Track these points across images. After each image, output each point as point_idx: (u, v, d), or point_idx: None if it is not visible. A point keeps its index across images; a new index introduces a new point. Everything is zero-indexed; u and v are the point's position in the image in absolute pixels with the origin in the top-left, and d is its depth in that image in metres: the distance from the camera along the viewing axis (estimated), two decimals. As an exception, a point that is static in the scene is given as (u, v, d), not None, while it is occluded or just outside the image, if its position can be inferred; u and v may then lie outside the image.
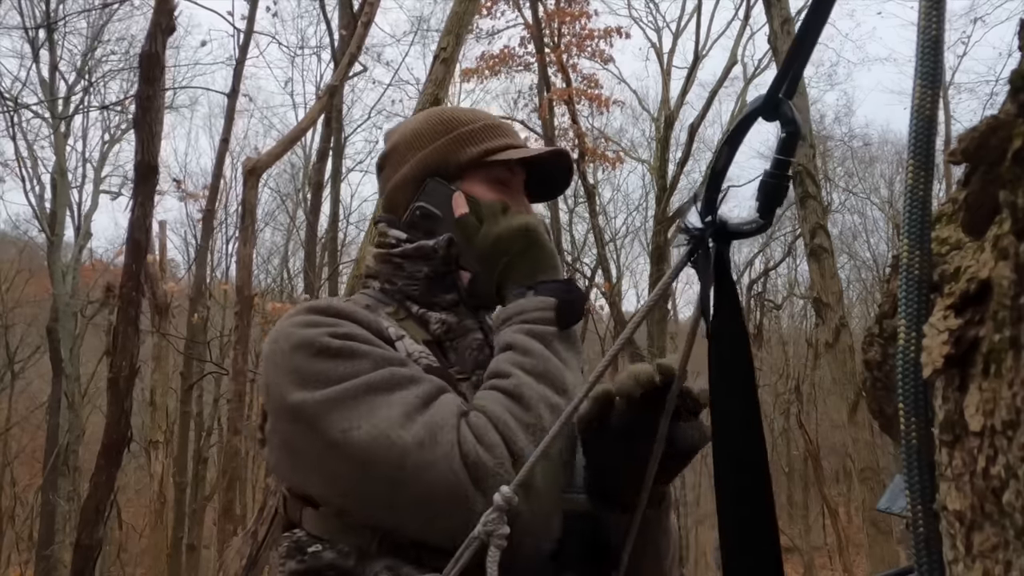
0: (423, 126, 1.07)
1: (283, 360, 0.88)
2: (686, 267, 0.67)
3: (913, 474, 0.37)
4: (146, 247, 4.26)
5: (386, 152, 1.11)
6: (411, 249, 1.01)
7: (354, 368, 0.85)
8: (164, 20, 4.12)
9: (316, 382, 0.85)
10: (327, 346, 0.87)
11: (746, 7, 13.61)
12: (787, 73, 0.57)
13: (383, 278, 1.03)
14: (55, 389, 11.46)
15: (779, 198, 0.61)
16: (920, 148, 0.39)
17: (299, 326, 0.90)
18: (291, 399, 0.85)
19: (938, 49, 0.39)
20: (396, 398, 0.83)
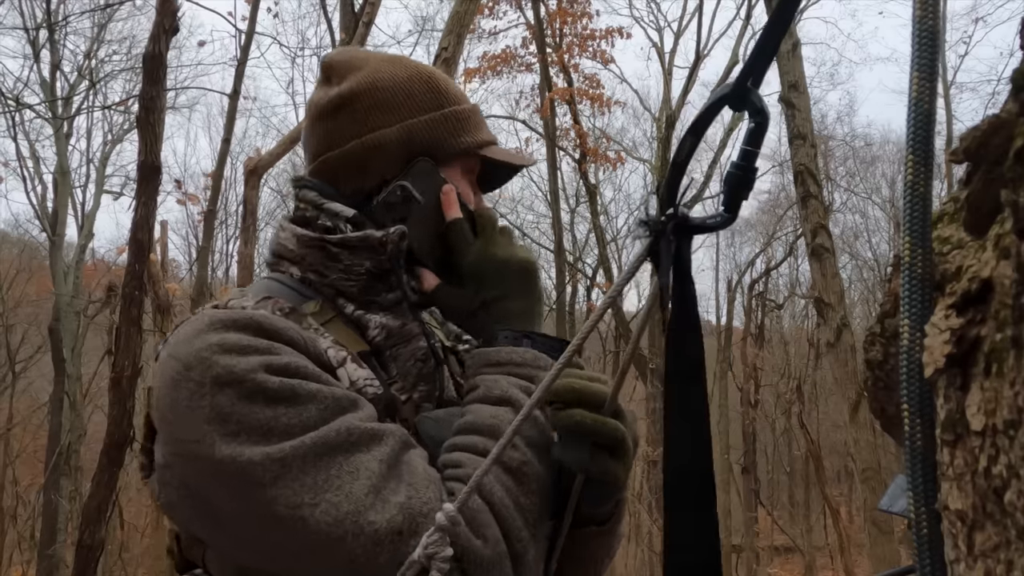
0: (411, 84, 0.89)
1: (200, 396, 0.70)
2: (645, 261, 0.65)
3: (916, 474, 0.37)
4: (148, 247, 4.27)
5: (345, 96, 0.88)
6: (355, 239, 0.84)
7: (299, 417, 0.70)
8: (167, 21, 4.13)
9: (252, 435, 0.69)
10: (263, 387, 0.70)
11: (747, 7, 13.61)
12: (758, 60, 0.54)
13: (307, 266, 0.85)
14: (57, 389, 11.48)
15: (745, 190, 0.59)
16: (919, 143, 0.38)
17: (220, 351, 0.72)
18: (218, 453, 0.69)
19: (935, 40, 0.38)
20: (357, 463, 0.69)
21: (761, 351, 16.07)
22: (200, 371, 0.71)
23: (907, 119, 0.38)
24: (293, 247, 0.86)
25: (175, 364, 0.73)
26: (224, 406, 0.70)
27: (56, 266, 12.08)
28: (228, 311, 0.77)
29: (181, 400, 0.71)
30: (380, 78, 0.89)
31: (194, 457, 0.71)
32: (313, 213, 0.86)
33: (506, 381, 0.79)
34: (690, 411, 0.62)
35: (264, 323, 0.75)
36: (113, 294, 8.46)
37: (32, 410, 14.53)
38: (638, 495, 12.64)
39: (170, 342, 0.77)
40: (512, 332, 0.83)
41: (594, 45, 12.02)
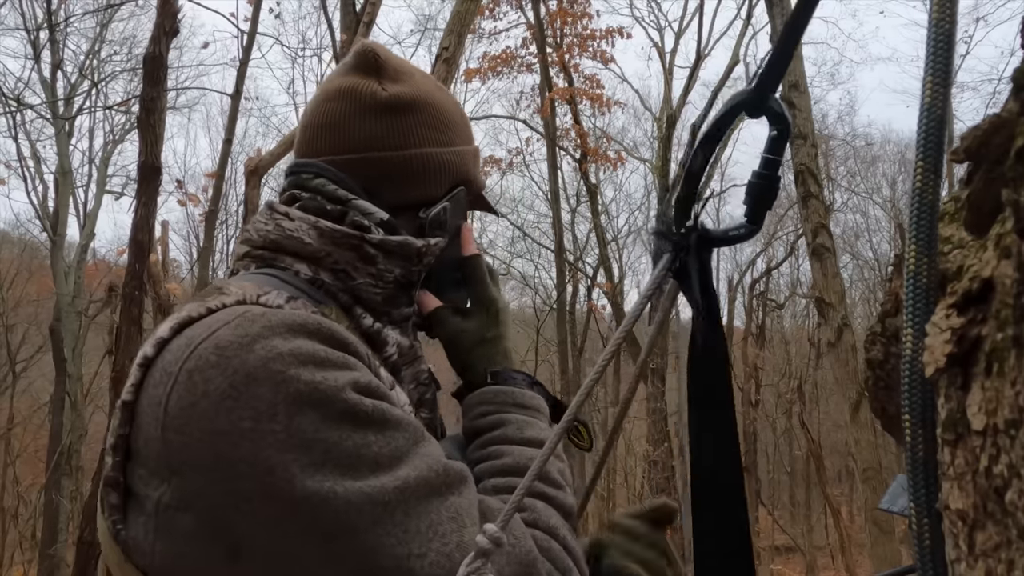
0: (458, 112, 0.87)
1: (270, 418, 0.58)
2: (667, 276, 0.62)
3: (919, 484, 0.37)
4: (149, 247, 4.27)
5: (411, 100, 0.81)
6: (394, 243, 0.75)
7: (391, 446, 0.61)
8: (168, 23, 4.13)
9: (342, 467, 0.58)
10: (354, 409, 0.60)
11: (748, 7, 13.60)
12: (775, 65, 0.52)
13: (327, 265, 0.74)
14: (58, 388, 11.48)
15: (769, 200, 0.57)
16: (930, 149, 0.37)
17: (295, 362, 0.59)
18: (301, 488, 0.57)
19: (950, 45, 0.37)
20: (457, 507, 0.63)
21: (762, 351, 16.06)
22: (271, 387, 0.58)
23: (918, 124, 0.38)
24: (311, 240, 0.73)
25: (228, 377, 0.59)
26: (306, 431, 0.58)
27: (57, 266, 12.08)
28: (281, 311, 0.65)
29: (241, 421, 0.58)
30: (436, 95, 0.84)
31: (257, 495, 0.58)
32: (335, 208, 0.75)
33: (539, 425, 0.80)
34: (718, 430, 0.61)
35: (334, 331, 0.64)
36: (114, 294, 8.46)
37: (33, 410, 14.54)
38: (638, 495, 12.62)
39: (205, 347, 0.61)
40: (524, 376, 0.86)
41: (594, 45, 12.03)
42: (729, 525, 0.59)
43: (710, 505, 0.60)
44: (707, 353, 0.61)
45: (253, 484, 0.58)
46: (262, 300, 0.67)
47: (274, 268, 0.74)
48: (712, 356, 0.61)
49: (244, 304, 0.66)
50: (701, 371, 0.61)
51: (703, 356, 0.61)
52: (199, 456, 0.59)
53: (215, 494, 0.59)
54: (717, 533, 0.60)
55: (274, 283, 0.71)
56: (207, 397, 0.59)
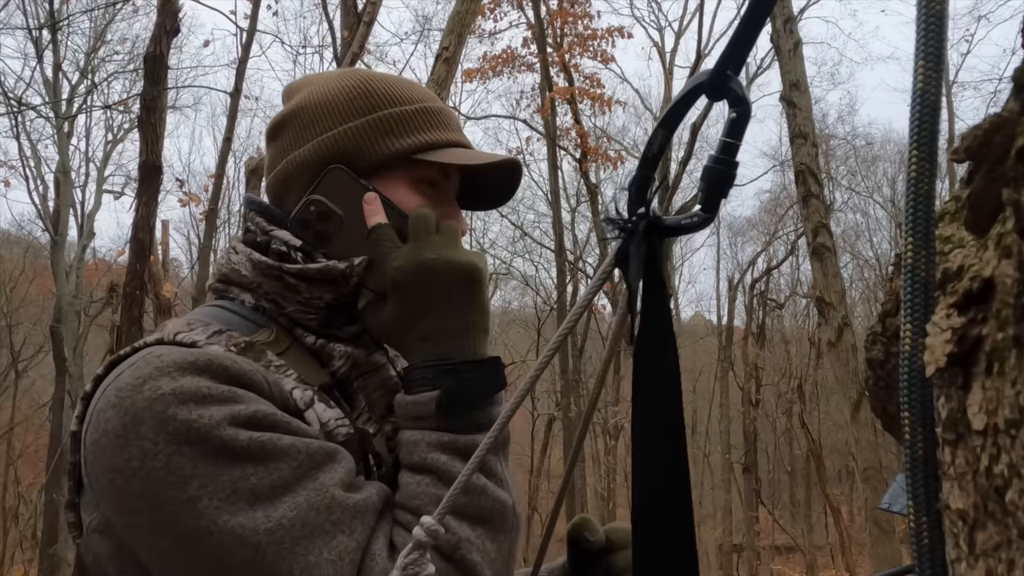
0: (341, 95, 0.81)
1: (152, 456, 0.61)
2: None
3: (918, 482, 0.37)
4: (149, 247, 4.28)
5: (284, 116, 0.83)
6: (315, 271, 0.75)
7: (272, 477, 0.63)
8: (168, 21, 4.13)
9: (218, 501, 0.61)
10: (229, 443, 0.62)
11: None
12: (737, 46, 0.49)
13: (261, 295, 0.77)
14: (58, 388, 11.49)
15: (725, 187, 0.53)
16: (924, 137, 0.36)
17: (175, 401, 0.62)
18: (180, 524, 0.61)
19: (942, 26, 0.36)
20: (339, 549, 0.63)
21: (762, 350, 16.07)
22: (152, 426, 0.62)
23: (911, 111, 0.36)
24: (247, 272, 0.78)
25: (120, 418, 0.63)
26: (184, 468, 0.61)
27: (58, 266, 12.09)
28: (179, 350, 0.68)
29: (131, 460, 0.62)
30: (314, 94, 0.82)
31: (146, 528, 0.63)
32: (263, 238, 0.78)
33: (424, 442, 0.71)
34: (665, 425, 0.55)
35: (225, 365, 0.66)
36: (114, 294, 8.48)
37: (34, 410, 14.56)
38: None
39: (110, 390, 0.66)
40: (431, 368, 0.72)
41: (595, 45, 12.03)
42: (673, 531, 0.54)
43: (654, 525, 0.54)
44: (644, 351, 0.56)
45: (145, 519, 0.63)
46: (178, 338, 0.72)
47: (224, 299, 0.80)
48: (651, 354, 0.56)
49: (161, 344, 0.71)
50: (643, 370, 0.56)
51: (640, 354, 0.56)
52: (104, 490, 0.65)
53: (120, 524, 0.65)
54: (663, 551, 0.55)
55: (213, 315, 0.77)
56: (107, 436, 0.64)
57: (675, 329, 0.58)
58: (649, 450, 0.55)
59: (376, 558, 0.65)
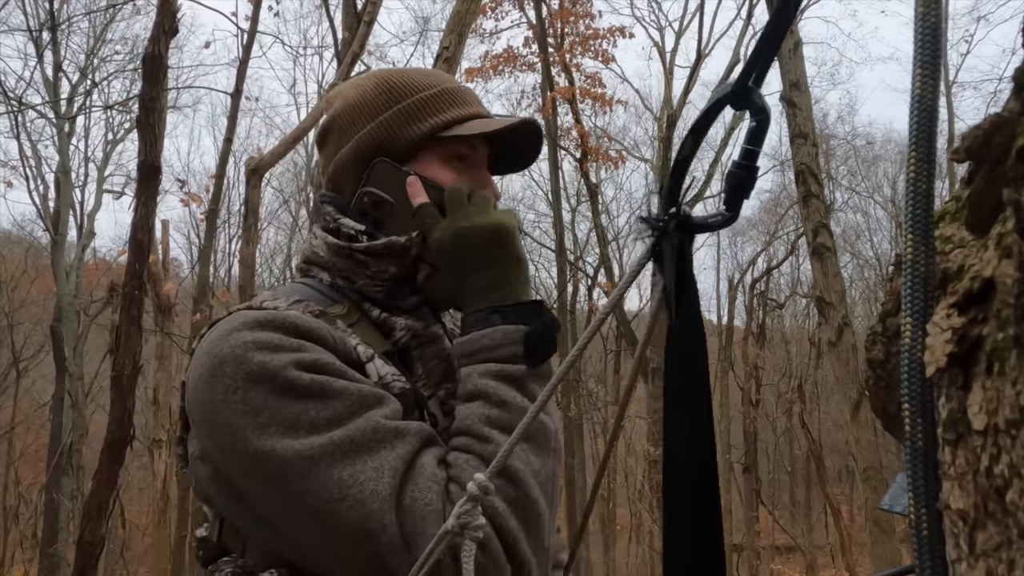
0: (368, 95, 0.92)
1: (233, 391, 0.74)
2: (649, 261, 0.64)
3: (917, 475, 0.37)
4: (148, 247, 4.27)
5: (327, 123, 0.95)
6: (380, 246, 0.86)
7: (328, 411, 0.73)
8: (167, 22, 4.13)
9: (283, 428, 0.72)
10: (294, 383, 0.74)
11: (748, 6, 13.60)
12: (758, 60, 0.54)
13: (336, 272, 0.89)
14: (59, 388, 11.49)
15: (747, 190, 0.59)
16: (922, 139, 0.38)
17: (253, 347, 0.75)
18: (251, 447, 0.72)
19: (937, 36, 0.38)
20: (382, 460, 0.73)
21: (762, 350, 16.06)
22: (234, 367, 0.74)
23: (910, 115, 0.38)
24: (324, 254, 0.90)
25: (210, 360, 0.76)
26: (257, 401, 0.73)
27: (58, 266, 12.08)
28: (261, 311, 0.80)
29: (216, 395, 0.75)
30: (348, 100, 0.93)
31: (229, 450, 0.75)
32: (334, 225, 0.90)
33: (477, 373, 0.80)
34: (692, 408, 0.61)
35: (296, 322, 0.78)
36: (114, 293, 8.48)
37: (34, 409, 14.56)
38: (639, 494, 12.64)
39: (205, 339, 0.80)
40: (482, 312, 0.82)
41: (596, 44, 12.02)
42: (702, 518, 0.59)
43: (682, 500, 0.60)
44: (678, 342, 0.62)
45: (227, 441, 0.74)
46: (263, 304, 0.83)
47: (307, 277, 0.92)
48: (683, 346, 0.61)
49: (250, 309, 0.83)
50: (673, 363, 0.62)
51: (674, 345, 0.62)
52: (199, 420, 0.79)
53: (212, 448, 0.78)
54: (690, 524, 0.60)
55: (296, 289, 0.89)
56: (201, 376, 0.77)
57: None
58: (678, 429, 0.60)
59: (425, 467, 0.74)
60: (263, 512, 0.76)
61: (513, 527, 0.74)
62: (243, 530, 0.80)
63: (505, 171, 0.99)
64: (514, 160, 0.97)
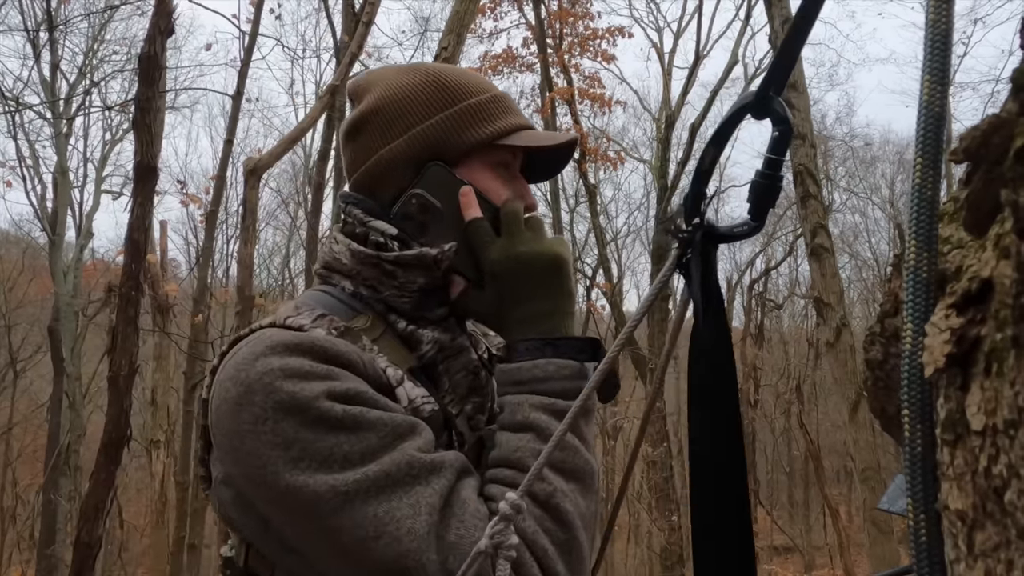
0: (420, 91, 0.88)
1: (263, 421, 0.71)
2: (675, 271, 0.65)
3: (916, 475, 0.37)
4: (145, 247, 4.27)
5: (365, 113, 0.89)
6: (410, 257, 0.83)
7: (362, 445, 0.71)
8: (163, 23, 4.13)
9: (315, 463, 0.70)
10: (326, 414, 0.71)
11: (747, 7, 13.61)
12: (779, 68, 0.55)
13: (361, 281, 0.85)
14: (56, 388, 11.47)
15: (771, 199, 0.59)
16: (929, 145, 0.38)
17: (282, 376, 0.72)
18: (282, 481, 0.70)
19: (947, 44, 0.38)
20: (418, 497, 0.70)
21: (761, 351, 16.07)
22: (263, 396, 0.71)
23: (917, 121, 0.38)
24: (347, 261, 0.86)
25: (236, 388, 0.73)
26: (288, 433, 0.71)
27: (56, 266, 12.06)
28: (288, 333, 0.77)
29: (244, 424, 0.72)
30: (391, 91, 0.88)
31: (258, 482, 0.72)
32: (361, 230, 0.86)
33: (528, 404, 0.78)
34: (722, 414, 0.61)
35: (325, 347, 0.75)
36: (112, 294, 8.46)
37: (32, 410, 14.53)
38: (637, 495, 12.63)
39: (230, 363, 0.76)
40: (533, 341, 0.80)
41: (595, 45, 12.03)
42: (730, 526, 0.60)
43: (711, 505, 0.61)
44: (706, 351, 0.62)
45: (256, 473, 0.72)
46: (288, 322, 0.80)
47: (327, 284, 0.88)
48: (711, 354, 0.62)
49: (273, 327, 0.80)
50: (700, 369, 0.62)
51: (702, 354, 0.62)
52: (225, 448, 0.75)
53: (238, 476, 0.75)
54: (717, 534, 0.60)
55: (318, 299, 0.85)
56: (226, 402, 0.74)
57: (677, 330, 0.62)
58: (705, 443, 0.61)
59: (467, 503, 0.72)
60: (292, 543, 0.74)
61: (561, 571, 0.72)
62: (269, 556, 0.78)
63: (532, 180, 0.97)
64: (541, 170, 0.96)
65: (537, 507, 0.73)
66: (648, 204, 16.96)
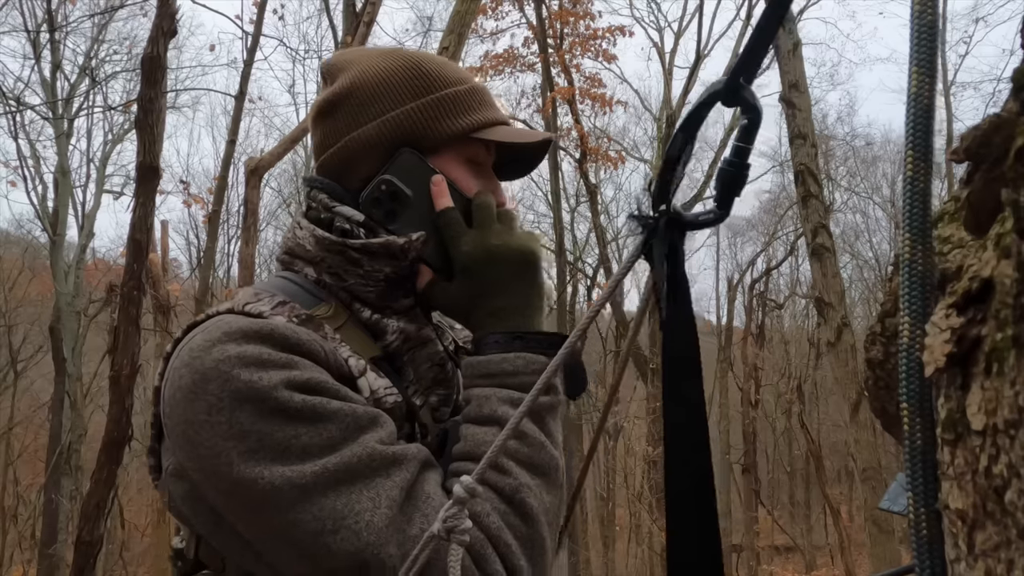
0: (396, 75, 0.85)
1: (218, 411, 0.68)
2: (639, 259, 0.64)
3: (916, 475, 0.37)
4: (147, 247, 4.27)
5: (338, 93, 0.86)
6: (377, 245, 0.80)
7: (321, 436, 0.69)
8: (166, 23, 4.13)
9: (272, 454, 0.67)
10: (284, 404, 0.68)
11: (748, 7, 13.60)
12: (750, 56, 0.54)
13: (324, 268, 0.82)
14: (57, 388, 11.48)
15: (738, 187, 0.59)
16: (919, 138, 0.38)
17: (239, 363, 0.69)
18: (236, 472, 0.67)
19: (933, 35, 0.38)
20: (378, 489, 0.69)
21: (761, 351, 16.07)
22: (218, 384, 0.69)
23: (906, 114, 0.38)
24: (311, 248, 0.83)
25: (191, 374, 0.70)
26: (244, 423, 0.68)
27: (57, 266, 12.07)
28: (246, 319, 0.74)
29: (198, 413, 0.69)
30: (367, 73, 0.86)
31: (211, 473, 0.69)
32: (327, 215, 0.84)
33: (496, 397, 0.77)
34: (687, 403, 0.62)
35: (286, 334, 0.72)
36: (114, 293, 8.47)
37: (33, 410, 14.54)
38: (638, 495, 12.63)
39: (184, 350, 0.73)
40: (503, 335, 0.79)
41: (596, 44, 12.03)
42: (700, 512, 0.60)
43: (683, 494, 0.61)
44: (670, 340, 0.62)
45: (209, 464, 0.69)
46: (246, 308, 0.77)
47: (290, 271, 0.85)
48: (675, 344, 0.62)
49: (231, 313, 0.77)
50: (669, 356, 0.62)
51: (670, 341, 0.62)
52: (177, 438, 0.72)
53: (191, 467, 0.72)
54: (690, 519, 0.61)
55: (279, 286, 0.82)
56: (180, 390, 0.71)
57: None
58: (676, 426, 0.61)
59: (432, 497, 0.71)
60: (246, 537, 0.72)
61: (522, 565, 0.72)
62: (221, 550, 0.76)
63: (502, 178, 0.95)
64: (512, 169, 0.94)
65: (502, 502, 0.72)
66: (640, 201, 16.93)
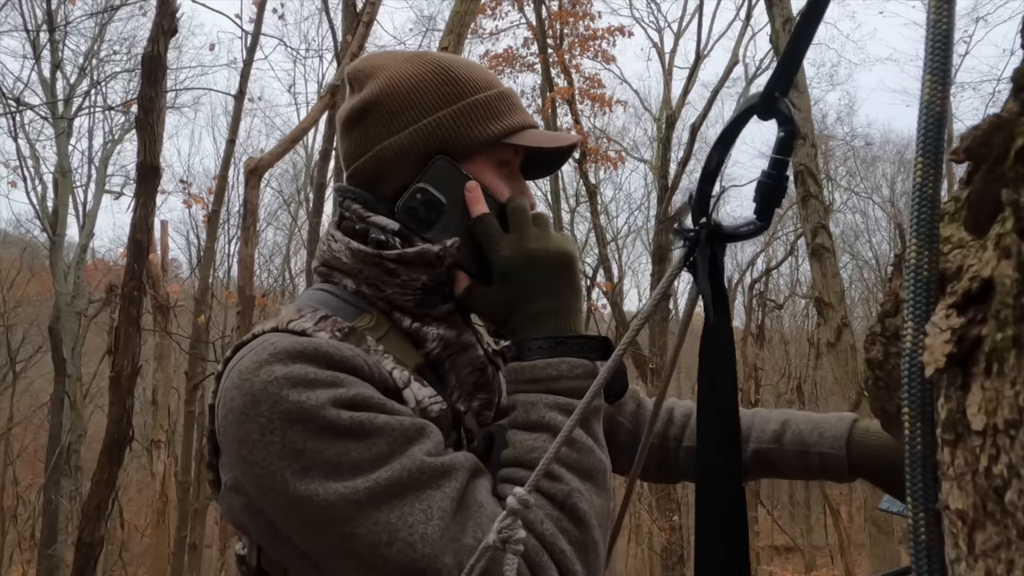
0: (426, 82, 0.86)
1: (270, 431, 0.70)
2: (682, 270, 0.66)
3: (916, 479, 0.37)
4: (147, 247, 4.27)
5: (368, 101, 0.86)
6: (412, 255, 0.81)
7: (371, 451, 0.70)
8: (166, 22, 4.13)
9: (325, 471, 0.69)
10: (333, 422, 0.70)
11: (747, 7, 13.60)
12: (784, 70, 0.55)
13: (363, 280, 0.84)
14: (57, 388, 11.47)
15: (777, 199, 0.60)
16: (929, 145, 0.38)
17: (287, 384, 0.71)
18: (292, 490, 0.69)
19: (948, 44, 0.38)
20: (430, 501, 0.70)
21: (761, 351, 16.06)
22: (269, 406, 0.71)
23: (918, 121, 0.38)
24: (347, 260, 0.84)
25: (242, 397, 0.72)
26: (296, 443, 0.70)
27: (56, 266, 12.07)
28: (291, 338, 0.76)
29: (251, 434, 0.71)
30: (396, 80, 0.86)
31: (268, 491, 0.72)
32: (362, 226, 0.85)
33: (542, 403, 0.77)
34: (722, 412, 0.64)
35: (330, 352, 0.74)
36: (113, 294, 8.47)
37: (33, 410, 14.53)
38: (638, 495, 12.63)
39: (234, 371, 0.75)
40: (545, 340, 0.79)
41: (595, 45, 12.03)
42: (728, 515, 0.63)
43: (712, 495, 0.64)
44: (712, 346, 0.65)
45: (265, 482, 0.71)
46: (290, 326, 0.79)
47: (329, 283, 0.87)
48: (716, 349, 0.65)
49: (276, 331, 0.79)
50: (707, 363, 0.65)
51: (709, 349, 0.65)
52: (233, 456, 0.75)
53: (248, 485, 0.74)
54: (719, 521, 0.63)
55: (320, 299, 0.84)
56: (232, 411, 0.73)
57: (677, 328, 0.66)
58: (709, 434, 0.64)
59: (484, 506, 0.72)
60: (304, 550, 0.74)
61: (577, 570, 0.72)
62: (281, 561, 0.78)
63: (528, 177, 0.96)
64: (538, 169, 0.95)
65: (555, 508, 0.73)
66: (648, 204, 16.96)
